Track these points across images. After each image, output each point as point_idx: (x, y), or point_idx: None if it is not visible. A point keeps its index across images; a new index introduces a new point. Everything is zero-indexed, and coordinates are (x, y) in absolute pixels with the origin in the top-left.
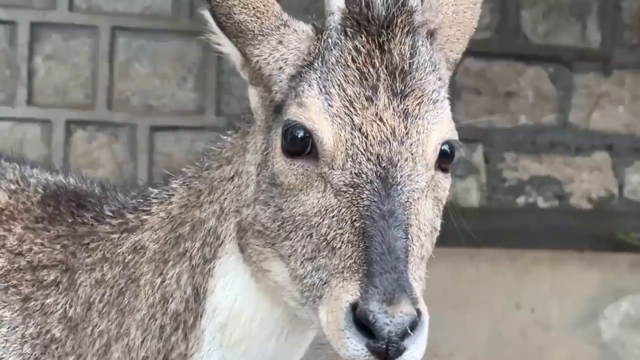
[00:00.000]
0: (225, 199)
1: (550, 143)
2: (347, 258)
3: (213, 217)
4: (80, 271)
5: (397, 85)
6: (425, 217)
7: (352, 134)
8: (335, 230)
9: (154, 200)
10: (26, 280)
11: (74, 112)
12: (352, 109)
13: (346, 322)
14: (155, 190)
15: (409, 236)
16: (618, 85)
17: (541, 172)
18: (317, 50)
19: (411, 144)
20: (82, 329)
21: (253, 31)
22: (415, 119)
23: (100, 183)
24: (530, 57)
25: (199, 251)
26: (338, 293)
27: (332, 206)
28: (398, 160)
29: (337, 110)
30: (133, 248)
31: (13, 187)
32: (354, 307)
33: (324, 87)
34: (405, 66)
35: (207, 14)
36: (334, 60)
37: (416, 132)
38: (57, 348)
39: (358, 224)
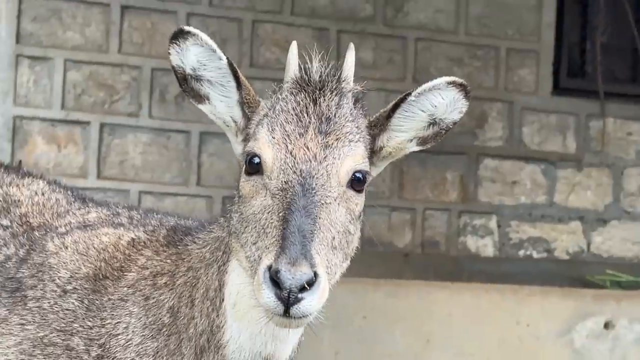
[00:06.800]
0: (231, 222)
1: (541, 215)
2: (272, 237)
3: (228, 235)
4: (178, 276)
5: (323, 127)
6: (337, 218)
7: (285, 156)
8: (268, 220)
9: (215, 228)
10: (148, 285)
11: (228, 191)
12: (288, 140)
13: (264, 278)
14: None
15: (317, 225)
16: (587, 177)
17: (535, 234)
18: (271, 104)
19: (327, 165)
20: (178, 316)
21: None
22: (333, 149)
23: (203, 222)
24: (529, 158)
25: (222, 256)
26: (262, 260)
27: (269, 205)
28: (315, 174)
29: (277, 140)
30: (199, 259)
31: (151, 228)
32: (270, 268)
33: (271, 125)
34: (330, 115)
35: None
36: (280, 108)
37: (332, 157)
38: (165, 330)
39: (281, 214)
